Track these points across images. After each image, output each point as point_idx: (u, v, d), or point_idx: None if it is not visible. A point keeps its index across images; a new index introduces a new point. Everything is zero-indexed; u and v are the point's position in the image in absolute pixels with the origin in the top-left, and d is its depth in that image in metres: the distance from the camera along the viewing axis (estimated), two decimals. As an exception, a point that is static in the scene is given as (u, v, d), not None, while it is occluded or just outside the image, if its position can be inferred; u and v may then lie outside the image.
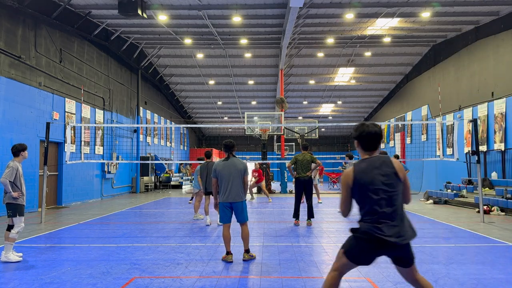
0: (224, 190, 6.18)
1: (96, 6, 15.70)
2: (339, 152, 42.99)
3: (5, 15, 12.01)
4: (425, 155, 20.80)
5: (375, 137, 3.29)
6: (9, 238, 6.20)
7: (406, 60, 24.25)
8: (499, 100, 15.02)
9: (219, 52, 23.00)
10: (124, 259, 6.30)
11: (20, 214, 6.33)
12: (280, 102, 20.86)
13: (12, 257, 6.14)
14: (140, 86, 22.93)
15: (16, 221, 6.29)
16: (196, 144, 40.68)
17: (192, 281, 5.14)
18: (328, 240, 7.91)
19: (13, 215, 6.30)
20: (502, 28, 15.37)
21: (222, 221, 6.27)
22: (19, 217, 6.33)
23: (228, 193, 6.14)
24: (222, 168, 6.22)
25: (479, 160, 10.95)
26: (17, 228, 6.28)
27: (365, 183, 3.21)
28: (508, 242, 7.66)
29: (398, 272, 3.40)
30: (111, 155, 18.71)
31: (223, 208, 6.22)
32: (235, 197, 6.15)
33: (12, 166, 6.41)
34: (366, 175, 3.22)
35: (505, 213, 11.86)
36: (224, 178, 6.18)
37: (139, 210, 13.27)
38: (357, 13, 16.78)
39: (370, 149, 3.33)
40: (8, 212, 6.33)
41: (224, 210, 6.21)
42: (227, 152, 6.35)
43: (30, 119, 13.00)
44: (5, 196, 6.35)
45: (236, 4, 16.08)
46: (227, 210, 6.21)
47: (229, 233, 6.22)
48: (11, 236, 6.21)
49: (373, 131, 3.29)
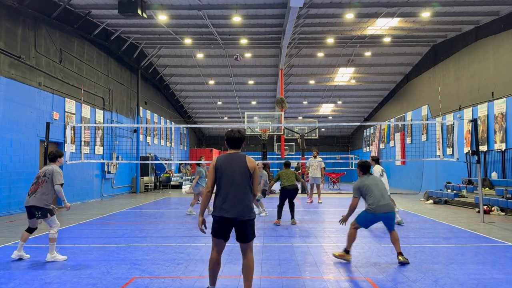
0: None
1: (96, 6, 15.70)
2: (339, 152, 43.01)
3: (5, 15, 12.01)
4: (425, 155, 20.79)
5: (237, 140, 4.48)
6: (51, 239, 6.11)
7: (406, 60, 24.25)
8: (499, 100, 15.02)
9: (219, 52, 23.00)
10: (124, 259, 6.30)
11: (51, 214, 6.20)
12: (280, 102, 20.86)
13: (59, 257, 6.09)
14: (140, 86, 22.93)
15: (51, 222, 6.17)
16: (196, 144, 40.68)
17: (192, 281, 5.14)
18: (328, 240, 7.90)
19: (43, 216, 6.13)
20: (502, 28, 15.37)
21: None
22: (52, 217, 6.19)
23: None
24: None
25: (479, 160, 10.95)
26: (55, 227, 6.18)
27: (223, 170, 4.30)
28: (508, 242, 7.66)
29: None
30: (111, 155, 18.71)
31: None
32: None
33: (59, 171, 6.24)
34: (225, 163, 4.34)
35: (505, 213, 11.86)
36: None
37: (139, 210, 13.27)
38: (357, 13, 16.78)
39: (233, 148, 4.51)
40: (36, 213, 6.12)
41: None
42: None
43: (30, 119, 13.00)
44: (34, 196, 6.10)
45: (236, 4, 16.07)
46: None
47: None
48: (52, 236, 6.11)
49: (236, 136, 4.48)
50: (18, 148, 12.38)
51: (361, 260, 6.21)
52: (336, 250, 6.93)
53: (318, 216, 11.69)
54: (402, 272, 5.54)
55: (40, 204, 6.11)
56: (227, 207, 4.23)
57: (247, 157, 4.44)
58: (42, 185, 6.16)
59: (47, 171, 6.22)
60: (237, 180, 4.29)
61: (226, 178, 4.31)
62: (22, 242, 6.26)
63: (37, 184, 6.19)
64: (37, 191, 6.15)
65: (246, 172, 4.33)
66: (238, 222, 4.24)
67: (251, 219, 4.31)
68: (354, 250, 6.98)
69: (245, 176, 4.32)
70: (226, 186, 4.29)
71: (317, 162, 15.19)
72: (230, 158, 4.41)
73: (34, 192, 6.14)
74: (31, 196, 6.15)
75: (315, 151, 16.22)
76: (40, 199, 6.11)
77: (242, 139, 4.53)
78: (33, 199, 6.12)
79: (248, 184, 4.34)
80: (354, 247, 7.19)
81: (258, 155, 29.45)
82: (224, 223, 4.25)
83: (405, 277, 5.28)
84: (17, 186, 12.23)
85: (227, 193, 4.27)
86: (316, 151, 16.27)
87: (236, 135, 4.50)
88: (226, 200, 4.26)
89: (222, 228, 4.27)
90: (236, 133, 4.51)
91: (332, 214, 12.02)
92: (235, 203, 4.24)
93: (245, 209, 4.27)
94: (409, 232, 8.93)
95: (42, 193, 6.13)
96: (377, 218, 6.12)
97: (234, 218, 4.22)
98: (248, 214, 4.28)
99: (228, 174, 4.31)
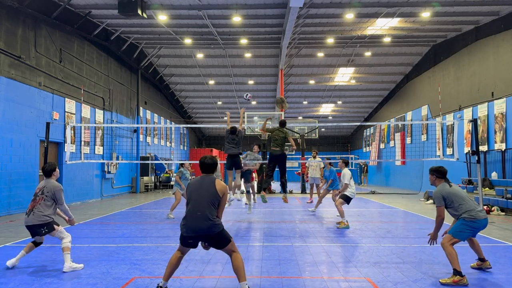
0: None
1: (96, 6, 15.70)
2: (339, 152, 42.99)
3: (5, 15, 12.01)
4: (425, 155, 20.79)
5: (208, 166, 4.80)
6: (64, 248, 5.81)
7: (406, 60, 24.25)
8: (499, 100, 15.02)
9: (219, 52, 23.00)
10: (124, 259, 6.30)
11: (57, 225, 5.92)
12: (280, 102, 20.71)
13: (76, 266, 5.77)
14: (140, 86, 22.93)
15: (59, 234, 5.89)
16: (196, 144, 40.67)
17: (192, 281, 5.14)
18: (328, 240, 7.90)
19: (50, 230, 5.84)
20: (502, 28, 15.37)
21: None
22: (58, 227, 5.91)
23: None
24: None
25: (479, 160, 10.96)
26: (67, 237, 5.91)
27: (192, 192, 4.67)
28: (508, 242, 7.66)
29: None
30: (111, 155, 18.71)
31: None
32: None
33: (60, 188, 6.00)
34: (195, 187, 4.69)
35: (505, 213, 11.87)
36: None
37: (139, 210, 13.27)
38: (357, 13, 16.78)
39: (205, 172, 4.81)
40: (42, 230, 5.80)
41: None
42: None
43: (30, 119, 13.00)
44: (33, 215, 5.79)
45: (236, 4, 16.07)
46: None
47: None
48: (65, 245, 5.82)
49: (207, 162, 4.80)
50: (18, 148, 12.38)
51: (361, 260, 6.21)
52: (336, 250, 6.92)
53: (318, 216, 11.69)
54: (402, 272, 5.54)
55: (41, 221, 5.80)
56: (189, 224, 4.53)
57: (217, 180, 4.71)
58: (40, 203, 5.85)
59: (45, 188, 5.93)
60: (202, 199, 4.57)
61: (193, 198, 4.62)
62: (23, 252, 5.98)
63: (35, 201, 5.89)
64: (34, 208, 5.84)
65: (214, 193, 4.60)
66: (203, 237, 4.57)
67: (216, 232, 4.53)
68: (354, 250, 6.98)
69: (213, 196, 4.59)
70: (192, 205, 4.59)
71: (316, 162, 15.20)
72: (200, 181, 4.74)
73: (32, 211, 5.84)
74: (29, 215, 5.84)
75: (314, 151, 16.23)
76: (39, 216, 5.80)
77: (214, 165, 4.83)
78: (31, 218, 5.82)
79: (213, 205, 4.57)
80: (354, 247, 7.20)
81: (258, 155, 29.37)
82: (190, 239, 4.59)
83: (405, 277, 5.28)
84: (17, 186, 12.23)
85: (191, 211, 4.57)
86: (315, 151, 16.28)
87: (208, 161, 4.81)
88: (190, 217, 4.55)
89: (188, 241, 4.62)
90: (208, 160, 4.82)
91: (332, 214, 12.02)
92: (199, 219, 4.51)
93: (210, 225, 4.50)
94: (409, 232, 8.94)
95: (40, 211, 5.82)
96: (481, 225, 5.33)
97: (197, 236, 4.55)
98: (213, 229, 4.51)
99: (196, 193, 4.63)
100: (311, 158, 15.73)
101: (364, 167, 31.92)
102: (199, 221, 4.49)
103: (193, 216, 4.52)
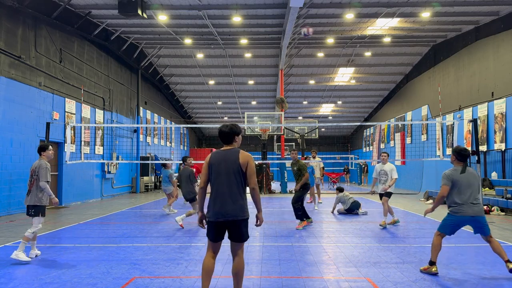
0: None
1: (96, 6, 15.70)
2: (339, 152, 43.02)
3: (5, 15, 12.01)
4: (425, 155, 20.79)
5: (225, 135, 4.22)
6: (24, 237, 6.11)
7: (406, 60, 24.26)
8: (499, 100, 15.02)
9: (219, 52, 23.00)
10: (124, 259, 6.30)
11: (42, 215, 6.24)
12: (280, 102, 20.86)
13: (21, 256, 6.04)
14: (140, 86, 22.93)
15: (35, 221, 6.18)
16: (196, 144, 40.68)
17: (192, 281, 5.14)
18: (328, 240, 7.90)
19: (35, 214, 6.19)
20: (502, 28, 15.37)
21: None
22: (41, 217, 6.23)
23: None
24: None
25: (479, 160, 10.96)
26: (34, 228, 6.17)
27: (214, 168, 4.14)
28: (508, 242, 7.66)
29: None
30: (111, 155, 18.71)
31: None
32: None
33: (46, 167, 6.27)
34: (217, 161, 4.15)
35: (505, 213, 11.87)
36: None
37: (139, 210, 13.27)
38: (357, 13, 16.78)
39: (225, 143, 4.26)
40: (30, 211, 6.20)
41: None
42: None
43: (30, 119, 13.00)
44: (29, 196, 6.22)
45: (236, 4, 16.08)
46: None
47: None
48: (26, 235, 6.12)
49: (224, 131, 4.22)
50: (18, 148, 12.38)
51: (361, 260, 6.21)
52: (336, 249, 6.93)
53: (318, 216, 11.68)
54: (402, 272, 5.55)
55: (34, 202, 6.21)
56: (217, 208, 4.07)
57: (240, 152, 4.15)
58: (34, 184, 6.27)
59: (36, 169, 6.29)
60: (228, 178, 4.09)
61: (216, 177, 4.12)
62: (33, 242, 6.38)
63: (31, 182, 6.30)
64: (31, 190, 6.27)
65: (238, 169, 4.09)
66: (230, 223, 4.06)
67: (244, 218, 4.11)
68: (354, 250, 6.99)
69: (237, 174, 4.09)
70: (216, 185, 4.12)
71: (316, 162, 15.20)
72: (222, 154, 4.18)
73: (30, 191, 6.27)
74: (27, 195, 6.29)
75: (313, 151, 16.24)
76: (33, 197, 6.22)
77: (231, 133, 4.19)
78: (27, 198, 6.27)
79: (240, 183, 4.11)
80: (354, 247, 7.20)
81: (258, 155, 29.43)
82: (216, 226, 4.11)
83: (405, 277, 5.28)
84: (17, 186, 12.23)
85: (217, 193, 4.11)
86: (314, 151, 16.28)
87: (224, 129, 4.21)
88: (216, 200, 4.10)
89: (214, 230, 4.12)
90: (224, 128, 4.22)
91: (332, 214, 12.02)
92: (227, 203, 4.05)
93: (237, 208, 4.06)
94: (409, 232, 8.94)
95: (35, 192, 6.24)
96: (463, 221, 5.38)
97: (225, 220, 4.05)
98: (241, 214, 4.08)
99: (219, 172, 4.11)
100: (310, 158, 15.74)
101: (365, 167, 31.94)
102: (227, 203, 4.04)
103: (220, 197, 4.07)
